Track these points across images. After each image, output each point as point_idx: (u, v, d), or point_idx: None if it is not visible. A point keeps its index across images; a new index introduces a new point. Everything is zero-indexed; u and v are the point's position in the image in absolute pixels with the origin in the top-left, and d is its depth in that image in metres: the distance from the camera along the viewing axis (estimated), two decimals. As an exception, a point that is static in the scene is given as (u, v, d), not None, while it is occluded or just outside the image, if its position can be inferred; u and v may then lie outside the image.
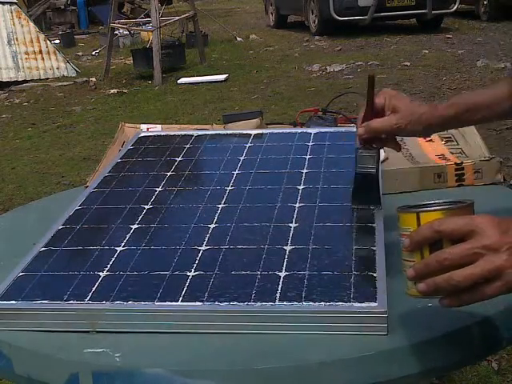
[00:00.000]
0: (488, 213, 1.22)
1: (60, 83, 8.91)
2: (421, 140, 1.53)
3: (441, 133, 1.49)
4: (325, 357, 0.85)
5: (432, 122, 1.14)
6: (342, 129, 1.55)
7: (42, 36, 9.76)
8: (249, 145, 1.50)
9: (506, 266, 0.77)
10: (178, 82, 8.14)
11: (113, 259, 1.08)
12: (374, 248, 1.05)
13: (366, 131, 1.13)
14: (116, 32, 10.59)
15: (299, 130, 1.59)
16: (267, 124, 1.75)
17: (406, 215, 0.86)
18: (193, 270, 1.02)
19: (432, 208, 0.84)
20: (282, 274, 1.00)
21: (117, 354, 0.89)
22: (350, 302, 0.91)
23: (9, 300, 0.99)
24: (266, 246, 1.08)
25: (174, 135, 1.60)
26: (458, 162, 1.43)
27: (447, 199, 0.88)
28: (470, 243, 0.79)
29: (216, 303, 0.94)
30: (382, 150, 1.35)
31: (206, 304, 0.94)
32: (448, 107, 1.15)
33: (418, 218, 0.84)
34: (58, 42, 12.42)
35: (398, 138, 1.20)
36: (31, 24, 9.80)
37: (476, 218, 0.81)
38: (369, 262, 1.01)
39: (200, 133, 1.60)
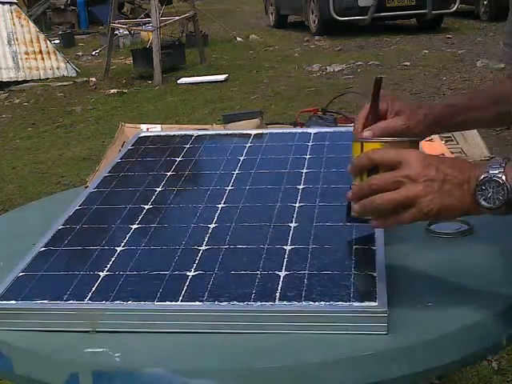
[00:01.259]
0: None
1: (60, 83, 8.91)
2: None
3: (441, 133, 1.49)
4: (325, 357, 0.85)
5: (431, 124, 1.16)
6: (342, 129, 1.55)
7: (42, 36, 9.76)
8: (249, 145, 1.50)
9: (420, 195, 0.87)
10: (178, 82, 8.14)
11: (113, 259, 1.08)
12: (374, 247, 1.05)
13: (373, 133, 1.09)
14: (116, 32, 10.59)
15: (299, 130, 1.59)
16: (267, 124, 1.75)
17: (354, 144, 0.99)
18: (193, 270, 1.02)
19: (374, 140, 0.98)
20: (282, 273, 1.00)
21: (117, 354, 0.89)
22: (349, 301, 0.91)
23: (9, 300, 0.99)
24: (266, 246, 1.08)
25: (173, 135, 1.60)
26: (458, 161, 1.43)
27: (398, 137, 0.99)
28: (395, 172, 0.89)
29: (216, 303, 0.94)
30: None
31: (206, 304, 0.94)
32: (445, 107, 1.19)
33: (362, 147, 0.97)
34: (57, 41, 12.41)
35: None
36: (31, 24, 9.80)
37: (405, 152, 0.90)
38: (369, 262, 1.01)
39: (200, 133, 1.60)
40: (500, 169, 0.86)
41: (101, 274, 1.04)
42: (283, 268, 1.01)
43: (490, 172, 0.86)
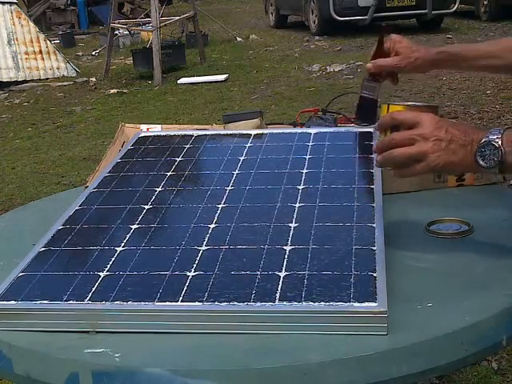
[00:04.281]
0: (488, 213, 1.23)
1: (60, 83, 8.91)
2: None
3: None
4: (325, 357, 0.85)
5: (425, 65, 1.44)
6: (342, 129, 1.55)
7: (41, 36, 9.75)
8: (249, 145, 1.50)
9: (429, 152, 1.03)
10: (178, 82, 8.14)
11: (113, 259, 1.08)
12: (374, 248, 1.05)
13: (373, 67, 1.45)
14: (116, 32, 10.59)
15: (299, 130, 1.59)
16: (267, 124, 1.75)
17: (382, 106, 1.16)
18: (193, 270, 1.02)
19: (397, 103, 1.15)
20: (282, 274, 1.00)
21: (117, 354, 0.89)
22: (349, 301, 0.91)
23: (9, 300, 0.99)
24: (266, 246, 1.08)
25: (174, 135, 1.60)
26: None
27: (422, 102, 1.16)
28: (412, 131, 1.05)
29: (216, 303, 0.94)
30: None
31: (206, 304, 0.94)
32: (439, 53, 1.44)
33: (388, 108, 1.15)
34: (57, 42, 12.41)
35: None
36: (31, 24, 9.79)
37: (422, 114, 1.07)
38: (369, 262, 1.01)
39: (200, 133, 1.60)
40: (498, 135, 1.01)
41: (101, 274, 1.04)
42: (283, 268, 1.01)
43: (490, 137, 1.01)
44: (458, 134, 1.03)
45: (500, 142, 1.00)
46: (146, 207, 1.26)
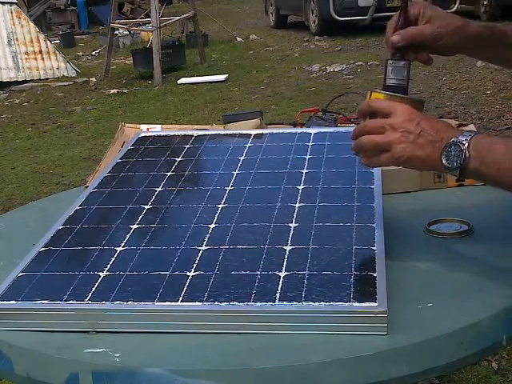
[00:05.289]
0: (488, 213, 1.23)
1: (60, 83, 8.91)
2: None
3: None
4: (325, 357, 0.85)
5: (467, 36, 1.16)
6: (342, 129, 1.55)
7: (41, 36, 9.76)
8: (249, 145, 1.50)
9: (395, 142, 1.01)
10: (178, 82, 8.14)
11: (113, 259, 1.08)
12: (374, 248, 1.05)
13: (402, 38, 1.12)
14: (116, 32, 10.59)
15: (299, 130, 1.59)
16: (267, 124, 1.75)
17: (367, 93, 1.12)
18: (193, 270, 1.02)
19: (379, 91, 1.10)
20: (282, 274, 1.00)
21: (117, 354, 0.89)
22: (349, 301, 0.91)
23: (9, 300, 0.99)
24: (266, 246, 1.08)
25: (174, 135, 1.60)
26: (458, 161, 1.43)
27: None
28: (383, 120, 1.03)
29: (216, 303, 0.94)
30: None
31: (206, 304, 0.94)
32: (484, 28, 1.18)
33: (370, 95, 1.10)
34: (57, 42, 12.41)
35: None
36: (31, 24, 9.79)
37: (397, 104, 1.04)
38: (369, 262, 1.01)
39: (200, 133, 1.60)
40: (467, 137, 0.97)
41: (101, 274, 1.04)
42: (283, 268, 1.01)
43: (459, 138, 0.98)
44: (429, 129, 1.00)
45: (466, 145, 0.96)
46: (146, 207, 1.26)
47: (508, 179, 0.97)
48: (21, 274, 1.06)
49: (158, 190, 1.32)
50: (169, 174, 1.39)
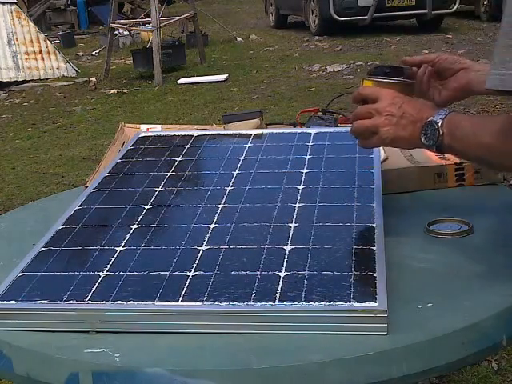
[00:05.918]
0: (488, 213, 1.23)
1: (60, 83, 8.90)
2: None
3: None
4: (325, 357, 0.85)
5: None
6: (342, 129, 1.55)
7: (41, 36, 9.75)
8: (249, 145, 1.50)
9: (380, 125, 1.10)
10: (178, 82, 8.14)
11: (113, 259, 1.08)
12: (374, 248, 1.05)
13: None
14: (116, 32, 10.59)
15: (299, 130, 1.59)
16: (267, 124, 1.75)
17: (361, 80, 1.22)
18: (193, 270, 1.02)
19: (369, 78, 1.20)
20: (282, 274, 1.00)
21: (117, 354, 0.89)
22: (349, 301, 0.91)
23: (9, 300, 0.99)
24: (266, 246, 1.08)
25: (174, 135, 1.60)
26: (458, 161, 1.43)
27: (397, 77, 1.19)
28: (371, 105, 1.13)
29: (216, 303, 0.94)
30: (382, 151, 1.38)
31: (206, 304, 0.94)
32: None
33: (362, 82, 1.21)
34: (57, 42, 12.41)
35: None
36: (31, 24, 9.79)
37: (382, 90, 1.14)
38: (369, 262, 1.01)
39: (200, 133, 1.60)
40: (442, 116, 1.06)
41: (101, 274, 1.04)
42: (283, 268, 1.01)
43: (434, 117, 1.07)
44: (411, 110, 1.10)
45: (440, 123, 1.06)
46: (146, 207, 1.26)
47: (474, 153, 1.05)
48: (21, 274, 1.06)
49: (158, 189, 1.32)
50: (169, 174, 1.39)
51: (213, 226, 1.17)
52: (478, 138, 1.02)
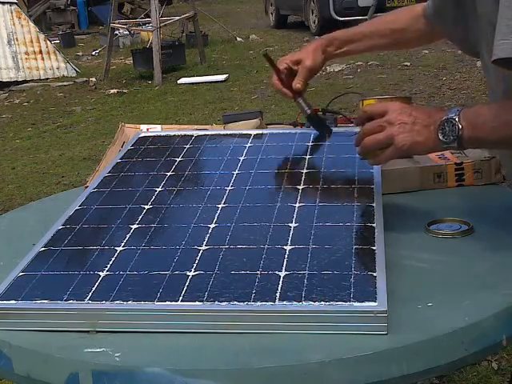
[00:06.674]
0: (488, 213, 1.23)
1: (60, 83, 8.91)
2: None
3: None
4: (325, 357, 0.85)
5: (326, 58, 1.56)
6: (342, 129, 1.55)
7: (41, 36, 9.75)
8: (249, 145, 1.50)
9: (395, 134, 1.11)
10: (178, 82, 8.14)
11: (113, 259, 1.08)
12: (374, 248, 1.05)
13: (303, 83, 1.50)
14: (116, 32, 10.59)
15: (299, 130, 1.59)
16: (267, 124, 1.75)
17: (359, 102, 1.27)
18: (193, 270, 1.02)
19: (370, 97, 1.28)
20: (282, 273, 1.00)
21: (117, 354, 0.89)
22: (349, 301, 0.91)
23: (9, 300, 0.99)
24: (266, 246, 1.08)
25: (173, 135, 1.60)
26: (458, 161, 1.43)
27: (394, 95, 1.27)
28: (380, 119, 1.14)
29: (216, 303, 0.94)
30: None
31: (206, 304, 0.94)
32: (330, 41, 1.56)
33: (362, 103, 1.27)
34: (57, 42, 12.41)
35: None
36: (31, 24, 9.79)
37: (388, 103, 1.19)
38: (369, 262, 1.01)
39: (200, 133, 1.60)
40: (456, 113, 1.09)
41: (101, 273, 1.04)
42: (283, 268, 1.01)
43: (449, 115, 1.09)
44: (422, 116, 1.12)
45: (457, 119, 1.08)
46: (146, 207, 1.26)
47: (500, 133, 1.08)
48: (21, 274, 1.06)
49: (158, 190, 1.32)
50: (169, 174, 1.39)
51: (213, 225, 1.17)
52: (503, 117, 1.07)
